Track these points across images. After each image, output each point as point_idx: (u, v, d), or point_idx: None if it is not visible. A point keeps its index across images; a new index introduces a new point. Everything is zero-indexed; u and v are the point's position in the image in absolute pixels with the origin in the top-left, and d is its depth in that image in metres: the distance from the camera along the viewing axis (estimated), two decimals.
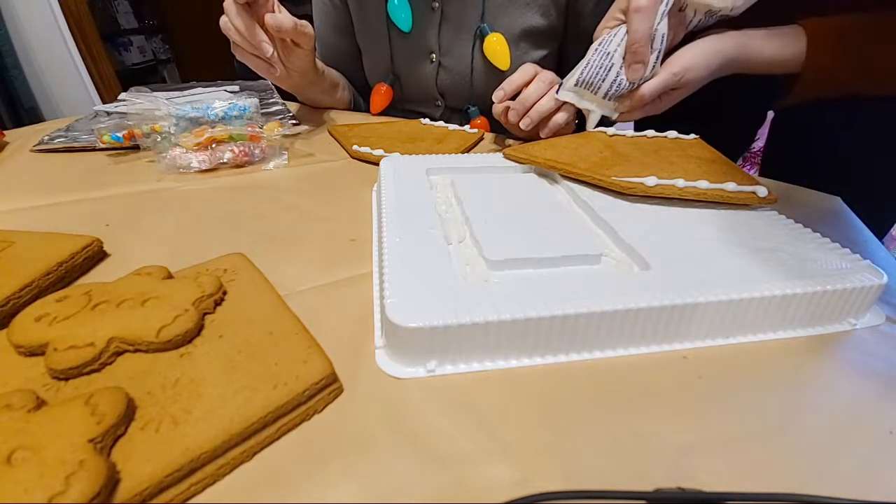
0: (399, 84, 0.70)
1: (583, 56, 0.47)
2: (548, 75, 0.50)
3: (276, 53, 0.53)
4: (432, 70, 0.66)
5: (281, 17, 0.51)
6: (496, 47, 0.61)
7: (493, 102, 0.52)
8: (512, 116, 0.51)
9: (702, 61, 0.42)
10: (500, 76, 0.62)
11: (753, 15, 0.42)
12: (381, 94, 0.69)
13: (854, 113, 0.52)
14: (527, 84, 0.50)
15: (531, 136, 0.53)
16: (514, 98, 0.50)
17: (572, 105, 0.50)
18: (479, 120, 0.67)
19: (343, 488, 0.18)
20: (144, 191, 0.45)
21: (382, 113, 0.72)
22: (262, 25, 0.51)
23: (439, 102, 0.70)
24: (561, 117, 0.50)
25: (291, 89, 0.65)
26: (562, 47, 0.67)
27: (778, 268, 0.27)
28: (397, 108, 0.73)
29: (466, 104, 0.68)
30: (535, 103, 0.49)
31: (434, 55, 0.65)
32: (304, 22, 0.54)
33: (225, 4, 0.50)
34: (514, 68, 0.57)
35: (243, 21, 0.50)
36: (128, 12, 2.65)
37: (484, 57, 0.63)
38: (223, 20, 0.51)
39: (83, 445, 0.16)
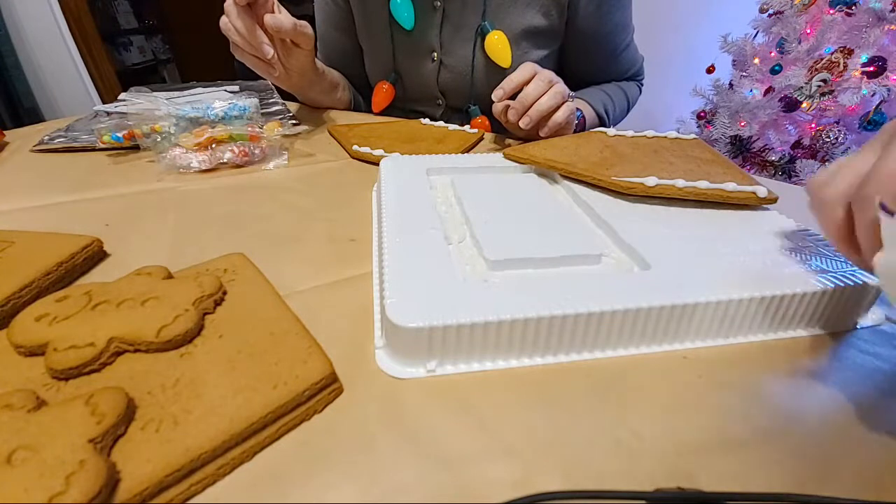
0: (401, 83, 0.70)
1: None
2: (547, 74, 0.50)
3: (276, 55, 0.53)
4: (433, 69, 0.67)
5: (280, 18, 0.51)
6: (497, 45, 0.61)
7: (493, 102, 0.52)
8: (511, 115, 0.51)
9: None
10: (501, 75, 0.62)
11: None
12: (382, 93, 0.69)
13: None
14: (526, 83, 0.50)
15: (531, 135, 0.53)
16: (513, 97, 0.50)
17: (572, 102, 0.50)
18: (480, 119, 0.67)
19: (343, 488, 0.18)
20: (144, 191, 0.45)
21: (383, 112, 0.71)
22: (262, 26, 0.51)
23: (440, 101, 0.70)
24: (560, 116, 0.50)
25: (291, 89, 0.66)
26: (562, 48, 0.67)
27: (778, 268, 0.27)
28: (398, 108, 0.73)
29: (467, 103, 0.68)
30: (534, 102, 0.49)
31: (435, 54, 0.65)
32: (304, 22, 0.54)
33: (225, 5, 0.50)
34: (514, 68, 0.58)
35: (244, 22, 0.50)
36: (128, 12, 2.65)
37: (485, 55, 0.63)
38: (223, 21, 0.51)
39: (83, 445, 0.16)
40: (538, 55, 0.64)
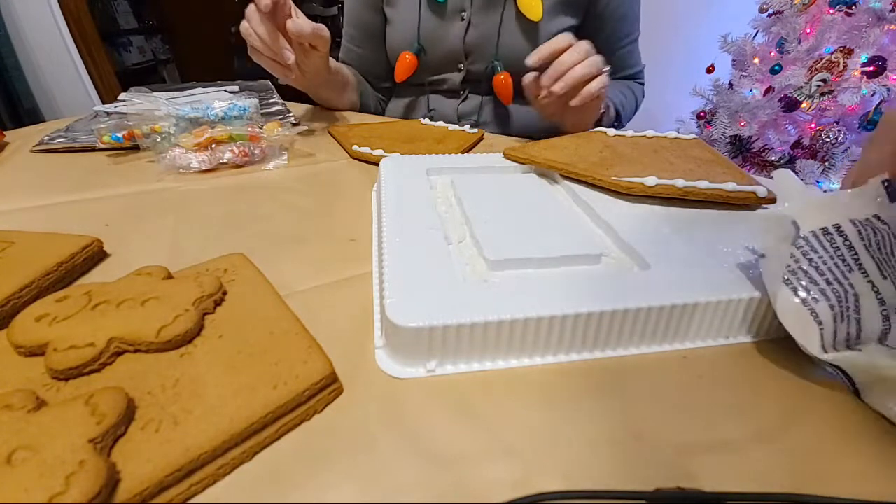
0: (423, 52, 0.70)
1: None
2: (584, 44, 0.49)
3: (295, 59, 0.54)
4: (461, 28, 0.67)
5: (301, 24, 0.51)
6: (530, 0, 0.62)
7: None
8: (546, 80, 0.49)
9: None
10: (529, 33, 0.64)
11: None
12: (406, 62, 0.69)
13: None
14: (563, 52, 0.48)
15: (556, 113, 0.53)
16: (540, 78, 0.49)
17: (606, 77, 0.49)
18: (503, 75, 0.67)
19: (343, 488, 0.18)
20: (144, 191, 0.45)
21: (405, 78, 0.71)
22: (282, 30, 0.51)
23: (461, 66, 0.70)
24: (595, 86, 0.48)
25: (303, 88, 0.66)
26: (582, 23, 0.68)
27: None
28: (413, 84, 0.73)
29: (490, 63, 0.68)
30: (570, 69, 0.48)
31: (465, 13, 0.67)
32: (321, 25, 0.55)
33: (247, 11, 0.51)
34: (539, 37, 0.60)
35: (266, 28, 0.51)
36: (128, 12, 2.65)
37: (514, 13, 0.64)
38: (244, 26, 0.52)
39: (83, 445, 0.16)
40: (564, 23, 0.66)
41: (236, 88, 0.70)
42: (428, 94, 0.74)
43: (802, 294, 0.23)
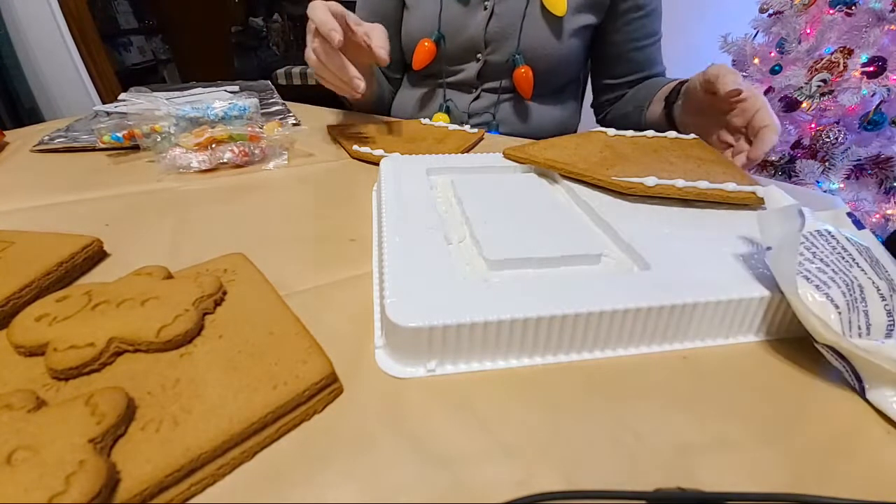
0: (443, 41, 0.70)
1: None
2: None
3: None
4: (483, 17, 0.67)
5: (382, 54, 0.51)
6: None
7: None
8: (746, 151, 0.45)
9: None
10: (551, 26, 0.65)
11: None
12: (424, 50, 0.69)
13: None
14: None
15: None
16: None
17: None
18: (524, 69, 0.67)
19: (343, 488, 0.18)
20: (144, 191, 0.45)
21: (423, 66, 0.71)
22: (345, 53, 0.50)
23: (479, 56, 0.70)
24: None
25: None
26: (603, 23, 0.69)
27: None
28: (427, 75, 0.73)
29: (511, 55, 0.68)
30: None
31: (488, 3, 0.67)
32: (384, 35, 0.53)
33: (315, 46, 0.49)
34: (561, 32, 0.62)
35: (335, 62, 0.50)
36: (128, 12, 2.65)
37: (538, 7, 0.64)
38: (312, 58, 0.51)
39: (83, 445, 0.16)
40: (586, 20, 0.67)
41: (236, 88, 0.70)
42: (444, 87, 0.74)
43: (816, 281, 0.23)
